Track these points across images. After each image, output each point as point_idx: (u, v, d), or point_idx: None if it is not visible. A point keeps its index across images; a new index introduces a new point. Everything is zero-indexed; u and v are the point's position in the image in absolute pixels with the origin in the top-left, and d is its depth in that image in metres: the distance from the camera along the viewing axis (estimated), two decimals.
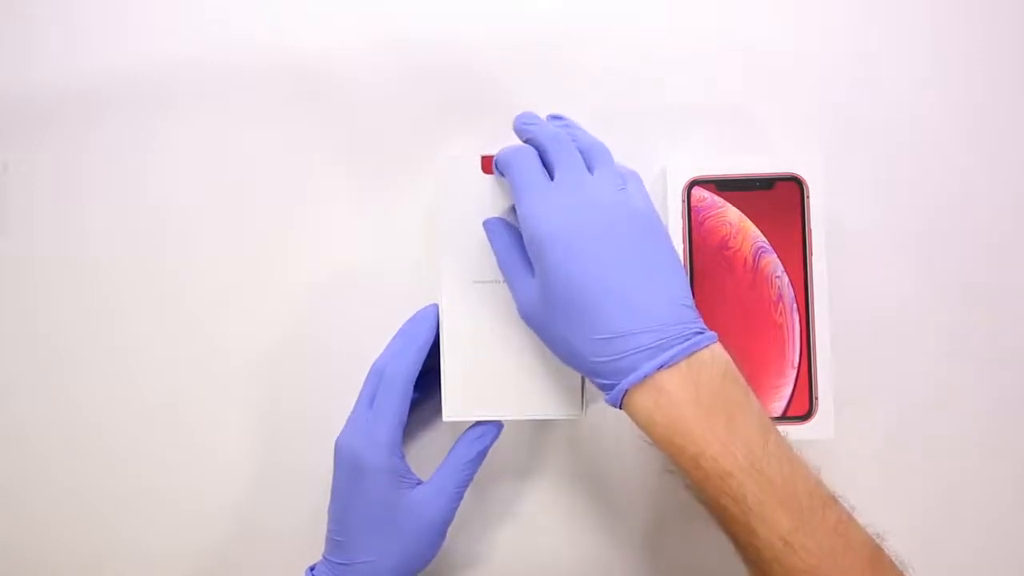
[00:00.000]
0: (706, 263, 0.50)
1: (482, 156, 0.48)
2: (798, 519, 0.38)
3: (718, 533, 0.42)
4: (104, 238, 0.56)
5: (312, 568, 0.47)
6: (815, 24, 0.55)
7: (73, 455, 0.56)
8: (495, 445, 0.49)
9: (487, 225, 0.47)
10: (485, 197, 0.48)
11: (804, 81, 0.54)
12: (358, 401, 0.48)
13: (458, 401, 0.48)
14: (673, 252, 0.43)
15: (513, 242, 0.46)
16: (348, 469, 0.46)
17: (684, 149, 0.54)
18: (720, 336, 0.42)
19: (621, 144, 0.47)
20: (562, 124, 0.47)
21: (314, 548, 0.50)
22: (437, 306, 0.49)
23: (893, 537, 0.41)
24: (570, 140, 0.45)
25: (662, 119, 0.54)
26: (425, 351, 0.48)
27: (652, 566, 0.54)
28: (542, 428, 0.54)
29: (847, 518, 0.40)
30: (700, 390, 0.40)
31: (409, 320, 0.49)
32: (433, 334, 0.48)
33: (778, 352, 0.49)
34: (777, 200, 0.50)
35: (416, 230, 0.54)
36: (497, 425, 0.49)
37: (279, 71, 0.56)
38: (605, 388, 0.42)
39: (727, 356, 0.42)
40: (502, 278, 0.47)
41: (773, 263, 0.50)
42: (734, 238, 0.50)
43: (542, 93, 0.54)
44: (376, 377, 0.48)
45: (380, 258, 0.54)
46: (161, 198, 0.56)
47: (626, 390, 0.40)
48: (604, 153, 0.45)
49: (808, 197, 0.50)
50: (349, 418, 0.48)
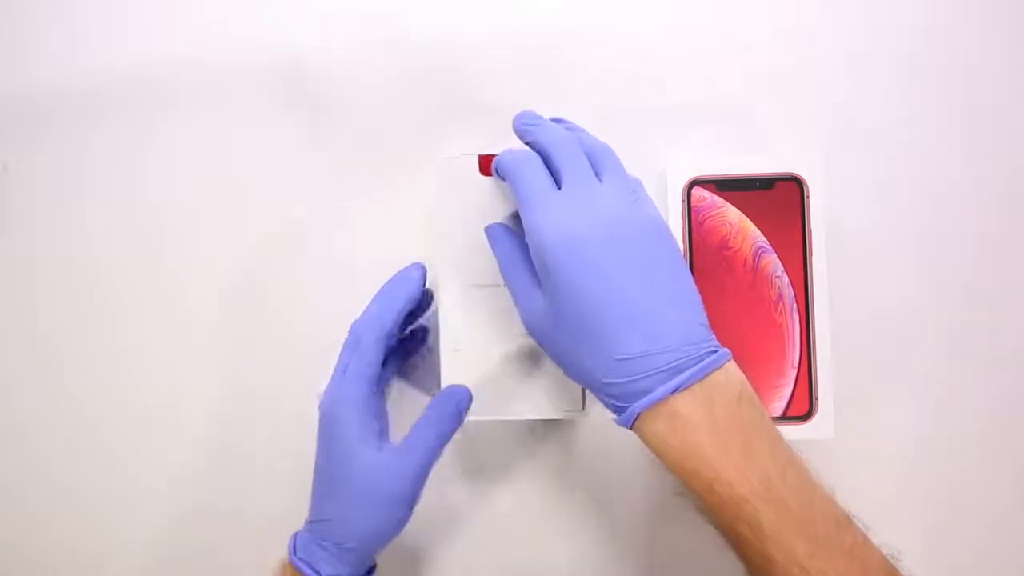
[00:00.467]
0: (706, 263, 0.50)
1: (480, 156, 0.47)
2: (814, 544, 0.38)
3: (716, 534, 0.42)
4: (104, 238, 0.56)
5: (296, 533, 0.47)
6: (815, 24, 0.55)
7: (73, 455, 0.56)
8: (495, 445, 0.49)
9: (489, 232, 0.46)
10: (484, 200, 0.47)
11: (804, 81, 0.54)
12: (337, 362, 0.47)
13: None
14: (685, 266, 0.41)
15: (516, 250, 0.44)
16: (322, 427, 0.46)
17: (684, 149, 0.54)
18: (720, 336, 0.42)
19: (621, 144, 0.46)
20: (564, 127, 0.46)
21: None
22: (421, 265, 0.48)
23: (892, 537, 0.41)
24: (577, 144, 0.43)
25: (662, 119, 0.54)
26: (402, 311, 0.47)
27: (652, 566, 0.54)
28: (542, 428, 0.54)
29: (863, 540, 0.39)
30: (715, 413, 0.39)
31: (389, 280, 0.48)
32: (415, 294, 0.47)
33: (778, 352, 0.49)
34: (777, 200, 0.50)
35: (416, 230, 0.54)
36: (465, 391, 0.47)
37: (279, 71, 0.56)
38: (616, 409, 0.41)
39: (741, 375, 0.40)
40: (502, 282, 0.45)
41: (773, 263, 0.50)
42: (734, 238, 0.50)
43: (542, 93, 0.54)
44: (350, 337, 0.47)
45: (380, 258, 0.54)
46: (161, 198, 0.56)
47: (638, 413, 0.39)
48: (611, 157, 0.43)
49: (808, 197, 0.50)
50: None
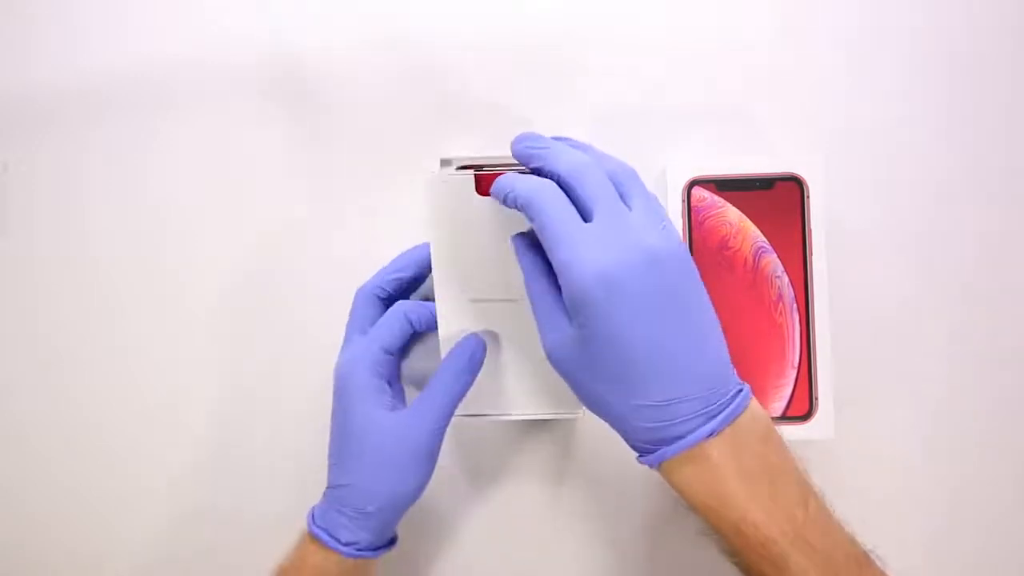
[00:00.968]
0: (706, 263, 0.50)
1: (476, 175, 0.43)
2: None
3: (717, 539, 0.42)
4: (104, 238, 0.56)
5: (315, 505, 0.47)
6: (815, 24, 0.55)
7: (73, 455, 0.56)
8: (495, 445, 0.49)
9: (515, 242, 0.42)
10: (484, 219, 0.44)
11: (804, 81, 0.54)
12: (347, 325, 0.49)
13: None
14: (708, 299, 0.40)
15: (541, 266, 0.41)
16: (336, 390, 0.46)
17: (684, 149, 0.54)
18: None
19: (621, 144, 0.47)
20: (575, 147, 0.42)
21: None
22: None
23: (893, 537, 0.41)
24: (602, 170, 0.40)
25: (662, 119, 0.54)
26: (401, 270, 0.48)
27: (652, 566, 0.54)
28: (542, 428, 0.54)
29: None
30: (742, 456, 0.38)
31: (404, 251, 0.50)
32: (424, 262, 0.48)
33: (778, 352, 0.49)
34: (777, 200, 0.50)
35: (416, 230, 0.54)
36: (479, 341, 0.46)
37: (279, 71, 0.56)
38: (641, 451, 0.40)
39: (764, 411, 0.40)
40: (501, 297, 0.45)
41: (773, 263, 0.50)
42: (734, 238, 0.50)
43: (542, 93, 0.54)
44: (356, 299, 0.49)
45: (380, 258, 0.54)
46: (161, 198, 0.56)
47: (667, 458, 0.39)
48: (636, 181, 0.41)
49: (808, 197, 0.50)
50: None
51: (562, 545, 0.54)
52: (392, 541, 0.48)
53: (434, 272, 0.45)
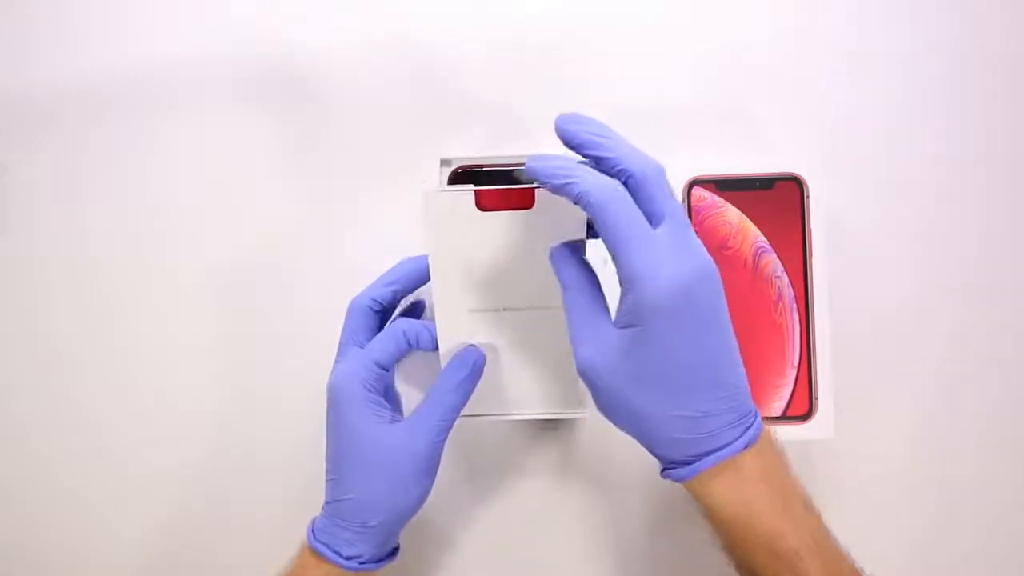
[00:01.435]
0: None
1: (476, 191, 0.43)
2: None
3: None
4: (104, 238, 0.56)
5: (315, 519, 0.47)
6: (815, 24, 0.55)
7: (73, 455, 0.56)
8: (495, 445, 0.48)
9: (555, 255, 0.42)
10: (484, 232, 0.43)
11: (804, 81, 0.54)
12: (341, 336, 0.49)
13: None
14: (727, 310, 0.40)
15: (585, 279, 0.41)
16: (330, 404, 0.46)
17: (684, 149, 0.54)
18: None
19: None
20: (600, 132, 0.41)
21: None
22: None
23: (893, 537, 0.41)
24: (665, 174, 0.39)
25: (662, 119, 0.54)
26: (401, 284, 0.48)
27: (652, 566, 0.54)
28: (542, 428, 0.54)
29: None
30: (767, 469, 0.39)
31: (399, 263, 0.49)
32: (419, 275, 0.48)
33: (778, 352, 0.49)
34: (777, 200, 0.50)
35: (416, 231, 0.54)
36: (478, 353, 0.46)
37: (279, 71, 0.56)
38: (672, 464, 0.39)
39: (769, 427, 0.41)
40: (502, 306, 0.45)
41: (773, 263, 0.50)
42: (734, 238, 0.50)
43: (542, 93, 0.54)
44: (349, 311, 0.48)
45: (380, 258, 0.54)
46: (161, 198, 0.56)
47: (703, 469, 0.38)
48: (666, 181, 0.40)
49: (808, 197, 0.50)
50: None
51: (563, 545, 0.54)
52: (395, 551, 0.47)
53: (433, 285, 0.45)
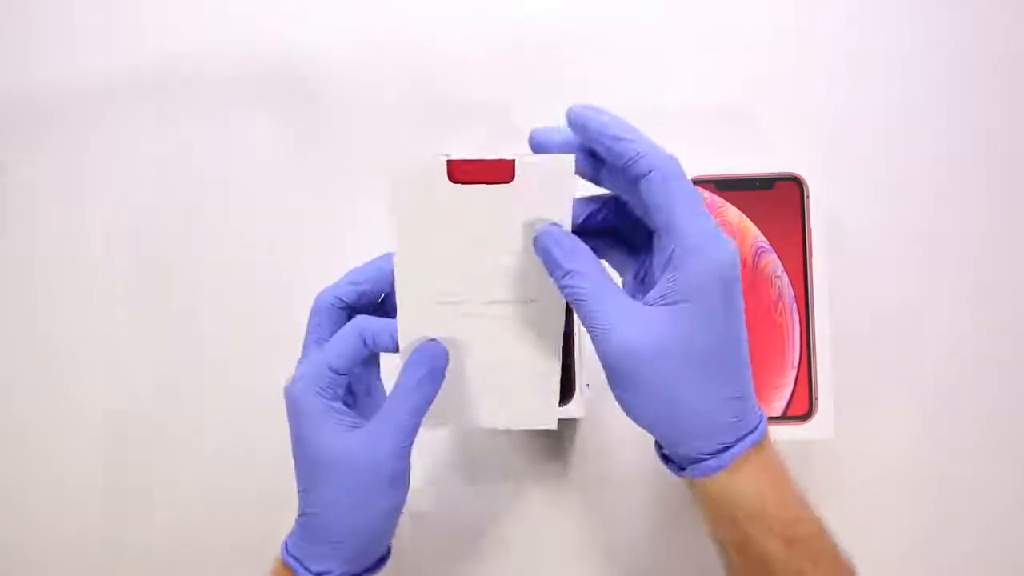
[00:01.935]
0: None
1: (448, 160, 0.38)
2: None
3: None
4: (104, 238, 0.56)
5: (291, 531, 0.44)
6: (815, 24, 0.55)
7: (73, 455, 0.56)
8: (495, 445, 0.48)
9: (545, 238, 0.38)
10: (457, 214, 0.39)
11: (804, 81, 0.54)
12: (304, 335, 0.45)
13: None
14: None
15: (595, 263, 0.38)
16: (288, 413, 0.42)
17: (684, 149, 0.54)
18: None
19: None
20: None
21: None
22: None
23: (893, 537, 0.41)
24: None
25: (662, 119, 0.54)
26: (367, 286, 0.43)
27: (652, 565, 0.54)
28: (543, 432, 0.54)
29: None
30: (774, 450, 0.39)
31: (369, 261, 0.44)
32: (377, 272, 0.43)
33: (778, 352, 0.49)
34: (777, 200, 0.50)
35: None
36: (439, 347, 0.41)
37: (279, 71, 0.56)
38: (703, 456, 0.37)
39: None
40: (472, 299, 0.40)
41: (773, 263, 0.50)
42: (734, 238, 0.50)
43: (542, 93, 0.54)
44: (312, 308, 0.44)
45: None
46: (161, 198, 0.56)
47: (742, 453, 0.37)
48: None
49: (808, 197, 0.50)
50: None
51: (563, 545, 0.54)
52: (381, 561, 0.44)
53: (396, 270, 0.40)
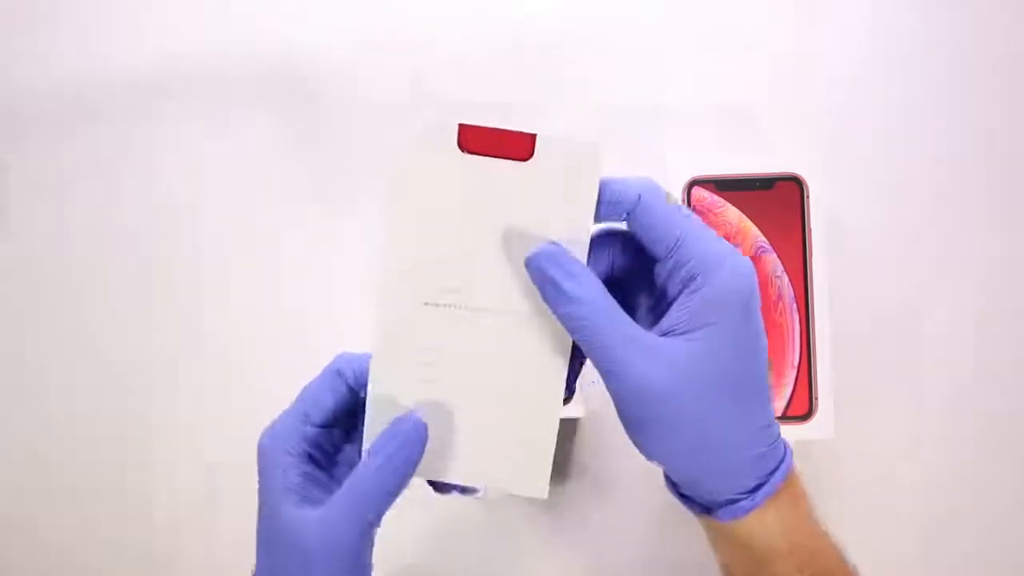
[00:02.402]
0: None
1: (460, 124, 0.32)
2: None
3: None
4: (104, 238, 0.56)
5: None
6: (815, 24, 0.55)
7: (73, 455, 0.56)
8: None
9: (540, 259, 0.32)
10: (463, 193, 0.32)
11: (804, 81, 0.54)
12: None
13: None
14: None
15: (601, 291, 0.32)
16: (257, 469, 0.39)
17: (684, 149, 0.54)
18: None
19: (621, 144, 0.47)
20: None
21: None
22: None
23: (893, 537, 0.41)
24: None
25: (662, 119, 0.54)
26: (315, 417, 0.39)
27: (652, 565, 0.54)
28: None
29: None
30: (798, 472, 0.36)
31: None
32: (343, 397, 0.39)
33: (778, 352, 0.49)
34: (777, 200, 0.50)
35: None
36: (417, 424, 0.34)
37: (279, 71, 0.56)
38: (739, 496, 0.34)
39: None
40: (465, 304, 0.33)
41: (773, 263, 0.50)
42: (734, 238, 0.50)
43: (542, 93, 0.54)
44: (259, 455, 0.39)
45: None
46: (161, 198, 0.56)
47: (772, 493, 0.34)
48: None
49: (808, 197, 0.50)
50: None
51: (563, 546, 0.54)
52: None
53: (382, 260, 0.34)
